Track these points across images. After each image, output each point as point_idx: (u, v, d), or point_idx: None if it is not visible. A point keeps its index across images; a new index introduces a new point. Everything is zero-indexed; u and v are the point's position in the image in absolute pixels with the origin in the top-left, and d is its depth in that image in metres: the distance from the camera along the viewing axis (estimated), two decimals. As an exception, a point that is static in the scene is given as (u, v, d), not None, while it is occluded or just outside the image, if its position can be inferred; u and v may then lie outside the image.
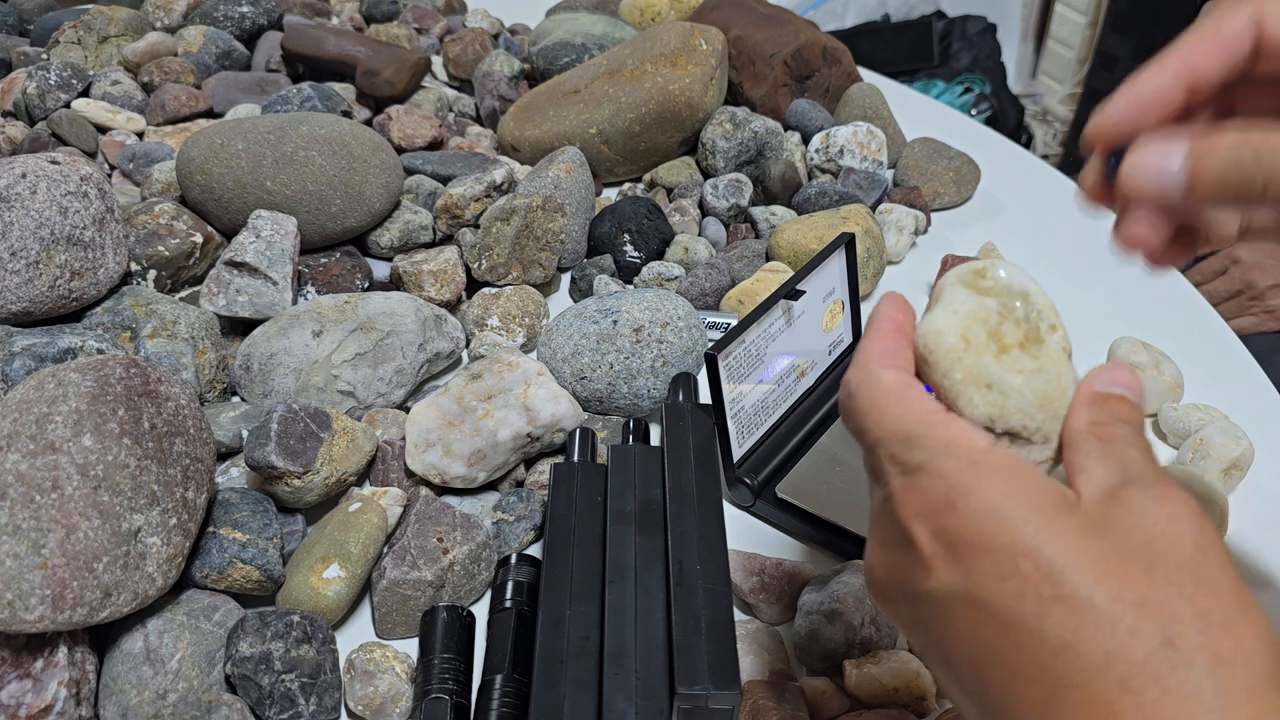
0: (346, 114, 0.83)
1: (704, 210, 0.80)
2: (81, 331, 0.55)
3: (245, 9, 0.96)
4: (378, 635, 0.50)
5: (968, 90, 1.89)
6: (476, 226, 0.72)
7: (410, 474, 0.56)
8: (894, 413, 0.30)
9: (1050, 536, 0.26)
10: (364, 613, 0.51)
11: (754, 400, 0.55)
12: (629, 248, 0.74)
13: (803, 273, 0.56)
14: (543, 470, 0.57)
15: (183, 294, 0.68)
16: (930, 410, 0.30)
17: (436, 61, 1.00)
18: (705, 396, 0.53)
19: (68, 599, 0.40)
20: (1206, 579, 0.25)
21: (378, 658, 0.46)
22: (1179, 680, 0.24)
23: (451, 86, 0.99)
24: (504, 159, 0.82)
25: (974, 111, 1.87)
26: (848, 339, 0.64)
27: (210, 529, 0.48)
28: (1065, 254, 0.80)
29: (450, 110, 0.93)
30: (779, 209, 0.79)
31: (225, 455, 0.57)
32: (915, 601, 0.29)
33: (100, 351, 0.55)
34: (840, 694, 0.45)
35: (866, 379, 0.31)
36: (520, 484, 0.57)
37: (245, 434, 0.56)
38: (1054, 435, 0.31)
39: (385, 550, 0.51)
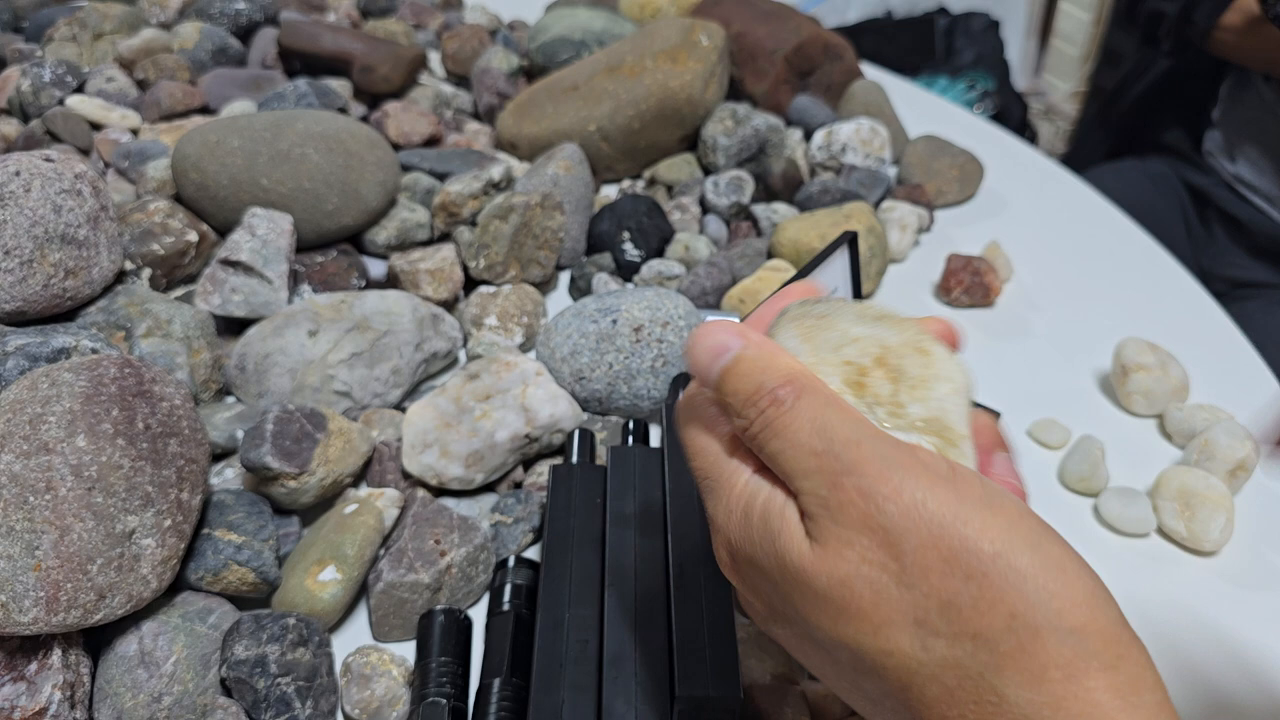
0: (343, 110, 0.83)
1: (705, 208, 0.79)
2: (75, 331, 0.55)
3: (240, 5, 0.95)
4: (374, 638, 0.49)
5: (971, 87, 1.88)
6: (474, 224, 0.72)
7: (407, 475, 0.55)
8: None
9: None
10: (360, 615, 0.51)
11: (755, 400, 0.55)
12: (629, 246, 0.74)
13: (805, 271, 0.56)
14: (541, 472, 0.57)
15: (177, 293, 0.67)
16: None
17: (434, 57, 1.00)
18: (706, 396, 0.53)
19: (62, 601, 0.40)
20: (934, 568, 0.25)
21: (374, 661, 0.46)
22: (955, 677, 0.25)
23: (449, 83, 0.98)
24: (502, 156, 0.81)
25: (977, 108, 1.86)
26: (849, 338, 0.63)
27: (205, 531, 0.48)
28: (1071, 252, 0.80)
29: (448, 107, 0.92)
30: (781, 206, 0.78)
31: (220, 456, 0.56)
32: None
33: (94, 351, 0.54)
34: (842, 698, 0.45)
35: None
36: (518, 485, 0.57)
37: (240, 435, 0.55)
38: None
39: (382, 552, 0.50)
